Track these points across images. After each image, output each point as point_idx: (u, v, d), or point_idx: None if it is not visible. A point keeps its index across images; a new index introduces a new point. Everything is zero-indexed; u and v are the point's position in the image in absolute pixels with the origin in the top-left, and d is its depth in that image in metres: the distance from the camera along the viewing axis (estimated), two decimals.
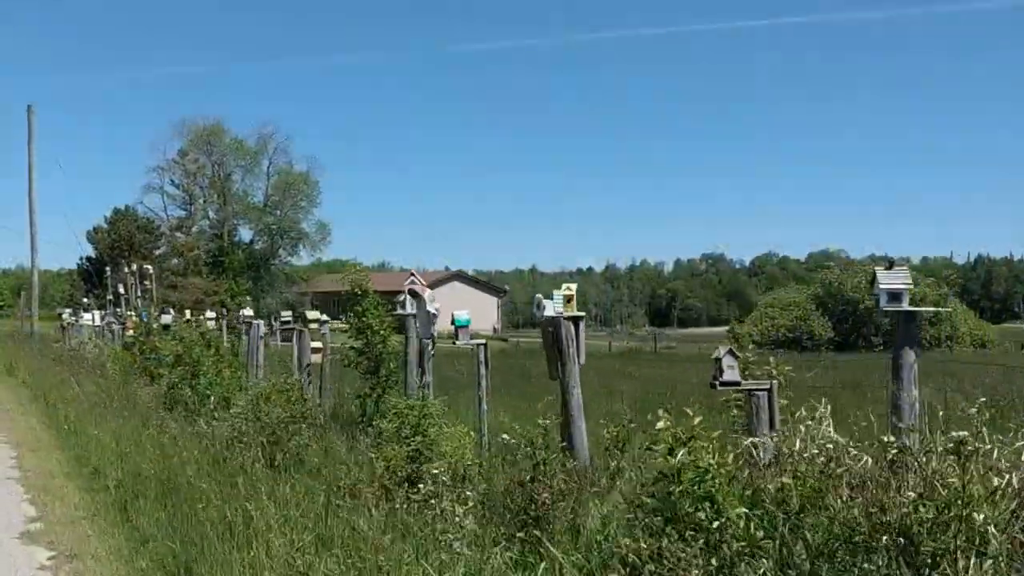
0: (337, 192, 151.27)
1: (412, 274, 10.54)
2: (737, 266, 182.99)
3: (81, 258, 50.70)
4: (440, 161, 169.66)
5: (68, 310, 35.70)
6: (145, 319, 33.93)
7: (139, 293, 36.95)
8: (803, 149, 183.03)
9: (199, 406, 13.51)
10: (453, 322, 8.97)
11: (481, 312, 67.04)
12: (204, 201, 71.30)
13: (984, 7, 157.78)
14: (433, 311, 8.69)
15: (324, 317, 12.16)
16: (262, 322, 13.99)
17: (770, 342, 49.00)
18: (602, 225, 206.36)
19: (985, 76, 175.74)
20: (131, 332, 25.79)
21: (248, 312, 14.13)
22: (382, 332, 11.22)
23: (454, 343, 9.01)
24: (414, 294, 8.94)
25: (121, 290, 36.01)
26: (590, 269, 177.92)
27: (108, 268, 37.87)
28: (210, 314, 18.38)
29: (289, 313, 14.34)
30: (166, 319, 19.36)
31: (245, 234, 73.59)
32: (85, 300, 36.94)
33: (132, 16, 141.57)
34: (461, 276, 74.65)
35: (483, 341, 9.10)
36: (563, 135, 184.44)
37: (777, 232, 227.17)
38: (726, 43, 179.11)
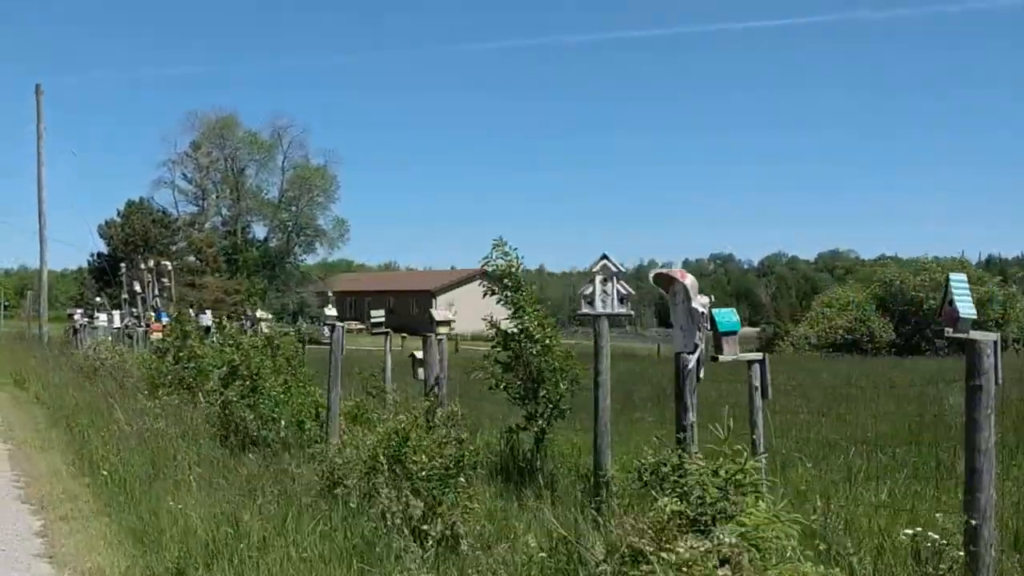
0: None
1: (605, 257, 7.39)
2: (745, 266, 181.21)
3: (92, 254, 47.53)
4: (442, 161, 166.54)
5: (79, 310, 32.63)
6: (165, 320, 30.90)
7: (156, 292, 33.88)
8: (810, 148, 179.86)
9: (262, 431, 10.52)
10: (713, 326, 5.85)
11: (506, 311, 64.00)
12: (217, 196, 68.26)
13: (990, 6, 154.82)
14: (700, 308, 5.48)
15: (450, 316, 9.01)
16: (344, 325, 10.83)
17: (827, 345, 45.92)
18: (609, 225, 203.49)
19: (994, 74, 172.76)
20: (157, 335, 22.71)
21: (331, 311, 10.96)
22: (548, 340, 8.05)
23: (714, 357, 5.87)
24: (665, 280, 5.67)
25: (137, 288, 32.92)
26: None
27: (123, 265, 34.68)
28: (262, 314, 15.26)
29: (381, 312, 11.20)
30: (205, 320, 16.22)
31: (259, 231, 70.69)
32: (98, 299, 33.81)
33: (129, 15, 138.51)
34: (486, 274, 71.30)
35: (760, 356, 5.96)
36: (568, 134, 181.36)
37: (783, 231, 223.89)
38: (731, 43, 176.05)
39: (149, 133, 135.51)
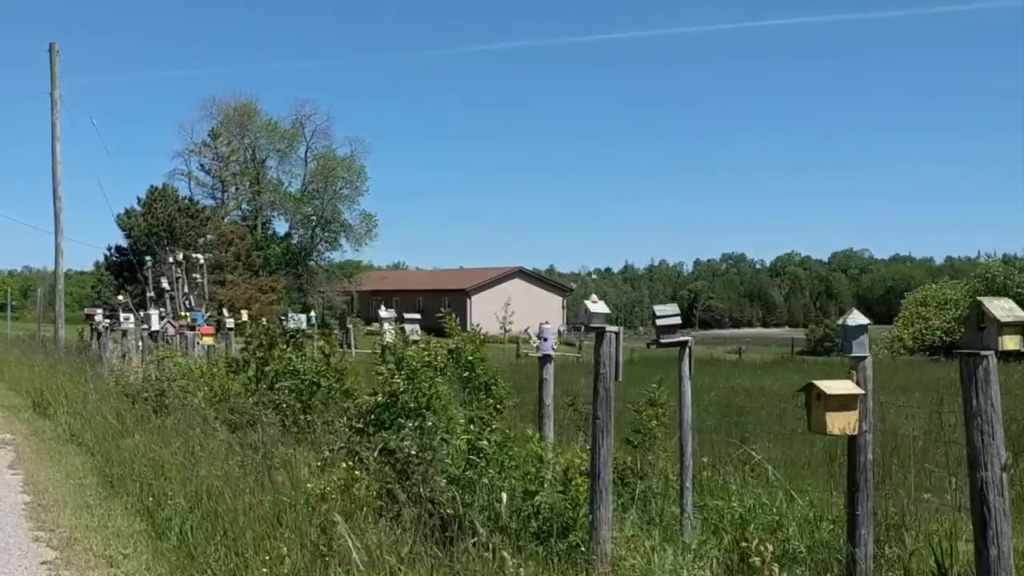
0: None
1: None
2: (758, 266, 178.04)
3: (109, 248, 42.68)
4: (450, 162, 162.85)
5: (98, 310, 28.09)
6: (200, 322, 26.27)
7: (186, 289, 29.32)
8: (822, 148, 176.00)
9: (462, 508, 6.12)
10: None
11: (545, 313, 59.49)
12: (236, 189, 63.62)
13: (1000, 6, 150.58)
14: None
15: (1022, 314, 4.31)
16: (618, 330, 6.25)
17: (923, 347, 41.37)
18: (619, 225, 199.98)
19: (1008, 73, 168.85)
20: (208, 340, 18.22)
21: (598, 307, 6.33)
22: None
23: None
24: None
25: (165, 285, 28.36)
26: (608, 269, 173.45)
27: (150, 258, 30.12)
28: (387, 313, 10.68)
29: (674, 309, 6.61)
30: (299, 321, 11.67)
31: (279, 226, 66.08)
32: (120, 298, 29.26)
33: (132, 17, 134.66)
34: (523, 273, 66.82)
35: None
36: (576, 137, 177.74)
37: (795, 232, 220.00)
38: (740, 44, 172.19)
39: (150, 133, 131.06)
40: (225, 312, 29.40)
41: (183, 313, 25.90)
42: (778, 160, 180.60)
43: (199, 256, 30.06)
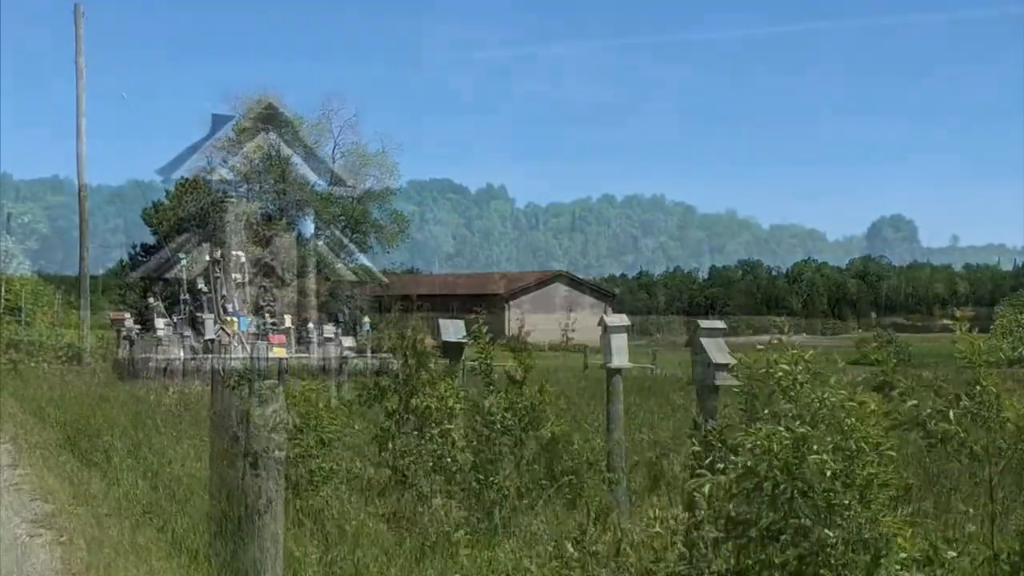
0: None
1: None
2: (774, 272, 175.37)
3: (134, 246, 38.98)
4: (456, 163, 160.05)
5: (126, 315, 24.48)
6: (243, 327, 22.56)
7: (224, 291, 25.67)
8: (837, 151, 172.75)
9: None
10: None
11: (589, 319, 55.50)
12: (260, 187, 59.84)
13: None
14: None
15: None
16: None
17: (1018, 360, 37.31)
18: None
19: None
20: (281, 351, 14.66)
21: None
22: None
23: None
24: None
25: (201, 286, 24.69)
26: (623, 275, 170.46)
27: (183, 256, 26.51)
28: (619, 320, 6.92)
29: None
30: (458, 331, 7.92)
31: (303, 227, 62.22)
32: (151, 300, 25.60)
33: (125, 19, 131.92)
34: (565, 277, 62.99)
35: None
36: (587, 136, 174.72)
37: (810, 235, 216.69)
38: (751, 49, 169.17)
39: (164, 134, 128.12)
40: (267, 316, 25.61)
41: (228, 318, 22.40)
42: (794, 161, 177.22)
43: (240, 254, 26.50)
